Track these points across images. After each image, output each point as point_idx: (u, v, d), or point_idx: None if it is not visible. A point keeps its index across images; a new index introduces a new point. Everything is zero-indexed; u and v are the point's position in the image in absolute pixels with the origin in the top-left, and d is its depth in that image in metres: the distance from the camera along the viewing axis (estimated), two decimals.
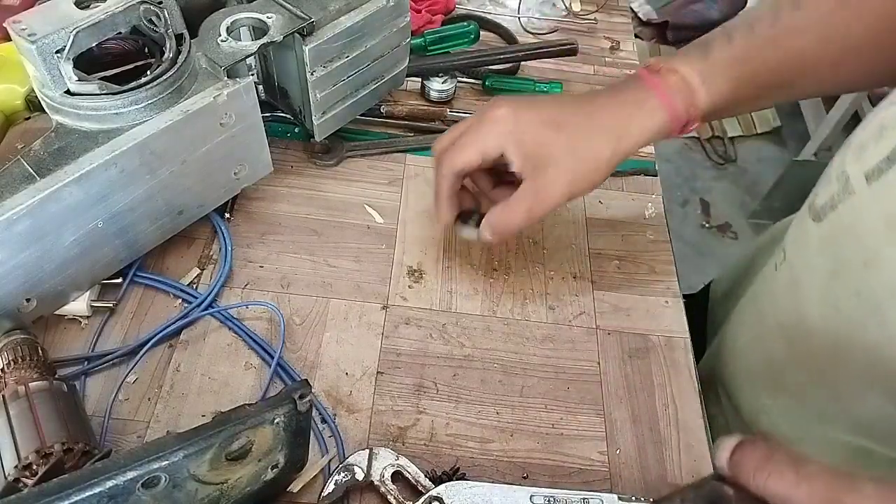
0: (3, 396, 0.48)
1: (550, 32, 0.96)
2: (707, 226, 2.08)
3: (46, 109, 0.56)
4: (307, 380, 0.45)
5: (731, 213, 2.12)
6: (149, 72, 0.55)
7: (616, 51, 0.96)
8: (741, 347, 0.69)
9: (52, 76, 0.53)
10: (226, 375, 0.58)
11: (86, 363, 0.58)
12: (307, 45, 0.63)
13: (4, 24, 0.52)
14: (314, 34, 0.63)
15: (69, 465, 0.46)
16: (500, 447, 0.57)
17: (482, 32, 0.88)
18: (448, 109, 0.81)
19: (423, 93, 0.83)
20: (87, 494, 0.37)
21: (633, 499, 0.52)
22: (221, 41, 0.59)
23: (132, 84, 0.54)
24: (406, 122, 0.80)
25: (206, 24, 0.61)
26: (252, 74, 0.63)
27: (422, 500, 0.51)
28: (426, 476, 0.53)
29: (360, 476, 0.52)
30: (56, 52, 0.52)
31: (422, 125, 0.80)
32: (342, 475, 0.52)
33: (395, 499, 0.51)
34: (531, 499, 0.51)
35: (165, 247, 0.64)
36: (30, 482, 0.44)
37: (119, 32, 0.55)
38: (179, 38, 0.57)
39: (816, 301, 0.55)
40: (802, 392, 0.60)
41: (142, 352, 0.58)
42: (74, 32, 0.52)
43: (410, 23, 0.72)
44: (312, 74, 0.65)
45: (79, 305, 0.59)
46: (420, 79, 0.83)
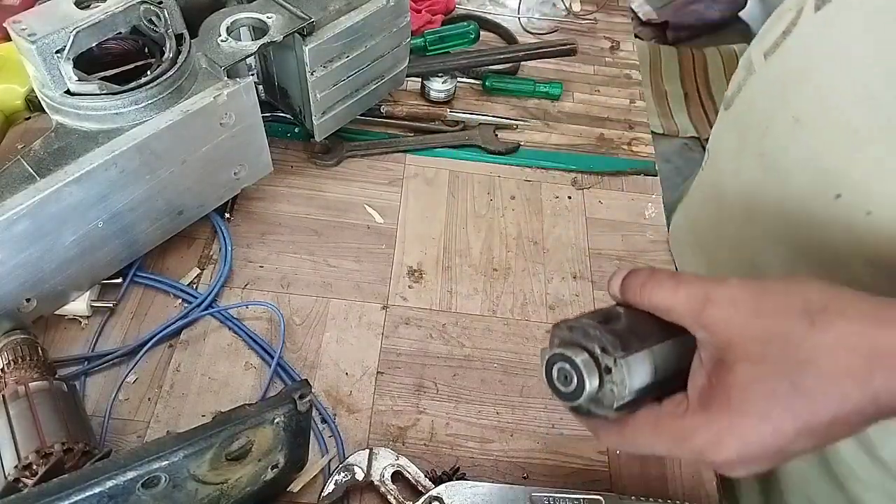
0: (4, 396, 0.48)
1: (550, 32, 0.96)
2: None
3: (46, 109, 0.56)
4: (307, 380, 0.45)
5: None
6: (149, 72, 0.55)
7: (616, 51, 0.96)
8: (680, 224, 0.74)
9: (52, 76, 0.53)
10: (226, 375, 0.58)
11: (86, 363, 0.58)
12: (307, 46, 0.63)
13: (4, 24, 0.52)
14: (314, 34, 0.63)
15: (69, 465, 0.46)
16: (501, 447, 0.57)
17: (482, 32, 0.88)
18: (448, 109, 0.81)
19: (423, 93, 0.83)
20: (88, 494, 0.37)
21: (633, 498, 0.52)
22: (221, 41, 0.59)
23: (132, 84, 0.54)
24: (406, 122, 0.80)
25: (206, 24, 0.61)
26: (252, 74, 0.63)
27: (422, 500, 0.51)
28: (426, 476, 0.53)
29: (360, 476, 0.52)
30: (56, 52, 0.52)
31: (422, 125, 0.80)
32: (342, 475, 0.52)
33: (395, 499, 0.51)
34: (531, 498, 0.51)
35: (165, 247, 0.64)
36: (30, 482, 0.44)
37: (119, 32, 0.56)
38: (179, 38, 0.57)
39: (729, 174, 0.60)
40: (720, 253, 0.64)
41: (142, 352, 0.58)
42: (74, 32, 0.52)
43: (410, 23, 0.72)
44: (312, 74, 0.65)
45: (79, 305, 0.59)
46: (420, 79, 0.83)
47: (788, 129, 0.51)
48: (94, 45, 0.55)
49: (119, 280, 0.62)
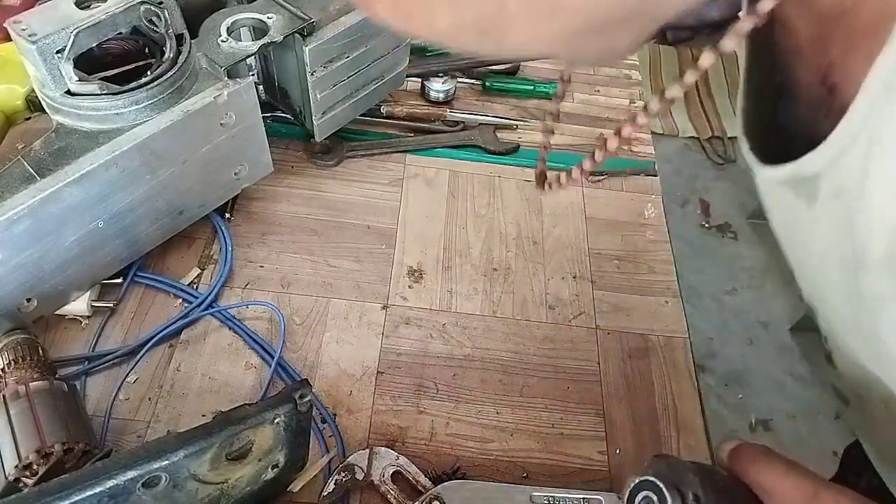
0: (4, 396, 0.48)
1: None
2: (707, 226, 2.08)
3: (47, 109, 0.56)
4: (307, 380, 0.45)
5: (731, 213, 2.12)
6: (149, 72, 0.55)
7: None
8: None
9: (53, 76, 0.53)
10: (226, 375, 0.58)
11: (86, 363, 0.58)
12: (307, 46, 0.63)
13: (5, 25, 0.52)
14: (314, 34, 0.63)
15: (69, 465, 0.46)
16: (500, 447, 0.57)
17: None
18: (448, 109, 0.81)
19: (423, 93, 0.83)
20: (88, 494, 0.37)
21: None
22: (222, 41, 0.59)
23: (132, 84, 0.54)
24: (406, 123, 0.80)
25: (207, 25, 0.61)
26: (252, 75, 0.63)
27: (422, 500, 0.51)
28: (426, 476, 0.53)
29: (361, 476, 0.52)
30: (56, 53, 0.52)
31: (422, 125, 0.80)
32: (342, 475, 0.52)
33: (396, 498, 0.51)
34: (531, 498, 0.51)
35: (166, 247, 0.64)
36: (30, 482, 0.45)
37: (119, 33, 0.56)
38: (180, 39, 0.57)
39: None
40: None
41: (142, 352, 0.58)
42: (75, 33, 0.52)
43: None
44: (313, 75, 0.65)
45: (79, 305, 0.59)
46: (420, 79, 0.83)
47: None
48: (95, 46, 0.55)
49: (119, 280, 0.62)
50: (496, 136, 0.80)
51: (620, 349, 0.64)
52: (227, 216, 0.68)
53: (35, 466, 0.45)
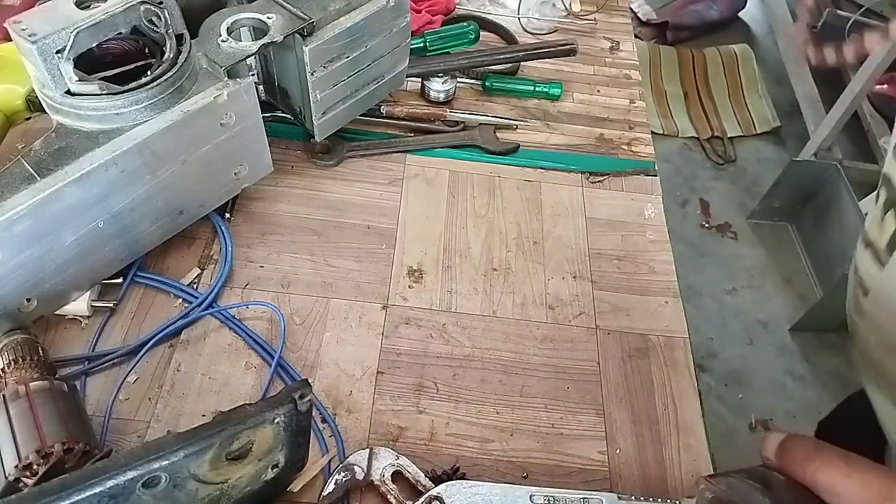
0: (4, 396, 0.48)
1: (550, 33, 0.97)
2: (707, 226, 2.08)
3: (47, 109, 0.56)
4: (307, 380, 0.45)
5: (731, 213, 2.12)
6: (149, 72, 0.55)
7: (616, 51, 0.96)
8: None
9: (53, 76, 0.53)
10: (226, 375, 0.58)
11: (86, 363, 0.57)
12: (307, 46, 0.63)
13: (5, 25, 0.52)
14: (314, 34, 0.63)
15: (69, 465, 0.46)
16: (500, 447, 0.57)
17: (482, 33, 0.88)
18: (448, 109, 0.81)
19: (423, 93, 0.83)
20: (88, 494, 0.37)
21: (633, 498, 0.52)
22: (222, 41, 0.59)
23: (132, 84, 0.54)
24: (406, 123, 0.80)
25: (207, 25, 0.61)
26: (252, 75, 0.63)
27: (422, 500, 0.51)
28: (426, 476, 0.53)
29: (361, 476, 0.52)
30: (56, 53, 0.52)
31: (422, 125, 0.80)
32: (342, 475, 0.52)
33: (396, 498, 0.51)
34: (531, 498, 0.51)
35: (166, 247, 0.64)
36: (30, 482, 0.45)
37: (119, 33, 0.56)
38: (180, 39, 0.57)
39: None
40: None
41: (142, 352, 0.58)
42: (75, 33, 0.52)
43: (410, 23, 0.72)
44: (313, 75, 0.65)
45: (79, 305, 0.59)
46: (420, 79, 0.83)
47: None
48: (95, 46, 0.55)
49: (119, 280, 0.62)
50: (496, 136, 0.80)
51: (620, 349, 0.64)
52: (227, 216, 0.68)
53: (35, 466, 0.45)
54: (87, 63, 0.55)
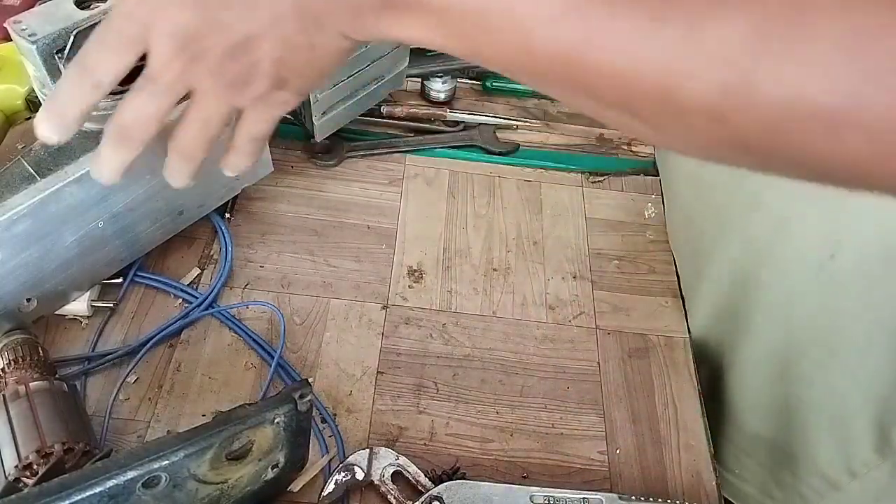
0: (4, 396, 0.48)
1: None
2: None
3: None
4: (307, 379, 0.45)
5: None
6: None
7: None
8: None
9: (53, 76, 0.53)
10: (226, 375, 0.58)
11: (86, 363, 0.58)
12: None
13: (5, 25, 0.52)
14: None
15: (69, 465, 0.46)
16: (500, 447, 0.57)
17: None
18: (448, 110, 0.81)
19: (423, 93, 0.83)
20: (88, 494, 0.37)
21: (633, 498, 0.52)
22: None
23: (133, 84, 0.54)
24: (406, 123, 0.80)
25: None
26: None
27: (422, 500, 0.51)
28: (426, 476, 0.53)
29: (361, 476, 0.52)
30: (57, 53, 0.52)
31: (422, 125, 0.80)
32: (342, 475, 0.52)
33: (396, 498, 0.51)
34: (531, 498, 0.51)
35: (166, 247, 0.64)
36: (30, 482, 0.45)
37: None
38: None
39: None
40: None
41: (142, 351, 0.58)
42: (75, 33, 0.52)
43: None
44: None
45: (79, 305, 0.59)
46: (420, 79, 0.83)
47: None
48: None
49: (119, 280, 0.62)
50: (496, 136, 0.80)
51: (620, 349, 0.64)
52: (227, 216, 0.68)
53: (35, 466, 0.45)
54: None
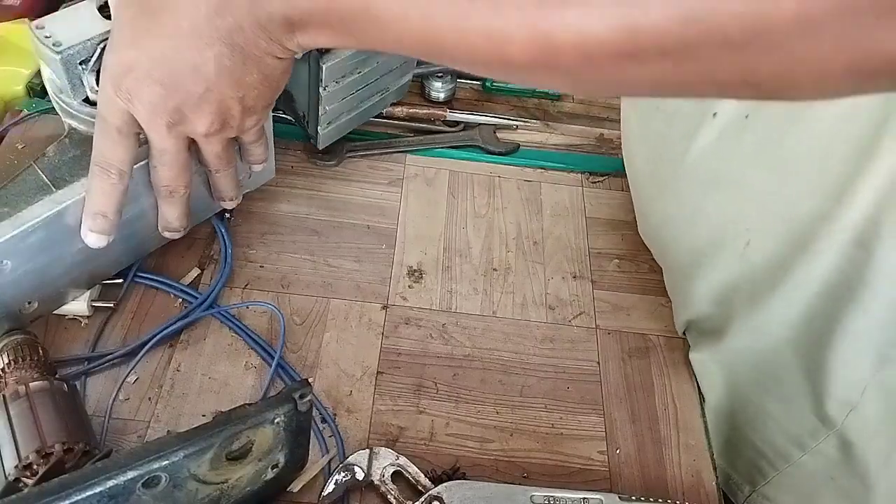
0: (4, 396, 0.48)
1: None
2: None
3: (60, 113, 0.56)
4: (307, 379, 0.45)
5: None
6: None
7: None
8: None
9: (73, 85, 0.53)
10: (226, 375, 0.58)
11: (86, 363, 0.58)
12: (325, 63, 0.63)
13: (28, 25, 0.52)
14: (332, 51, 0.63)
15: (69, 465, 0.46)
16: (500, 447, 0.57)
17: None
18: (448, 109, 0.81)
19: (423, 93, 0.83)
20: (88, 494, 0.37)
21: (633, 498, 0.52)
22: None
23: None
24: (406, 123, 0.80)
25: None
26: None
27: (422, 500, 0.51)
28: (426, 476, 0.53)
29: (361, 476, 0.52)
30: (80, 63, 0.52)
31: (422, 125, 0.80)
32: (342, 475, 0.52)
33: (396, 498, 0.51)
34: (531, 498, 0.51)
35: (166, 247, 0.64)
36: (30, 482, 0.45)
37: None
38: None
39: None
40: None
41: (142, 352, 0.58)
42: (101, 46, 0.51)
43: None
44: (325, 90, 0.65)
45: (79, 305, 0.59)
46: (420, 79, 0.83)
47: None
48: None
49: (119, 280, 0.62)
50: (496, 136, 0.80)
51: (620, 349, 0.64)
52: (228, 216, 0.68)
53: (35, 466, 0.45)
54: None
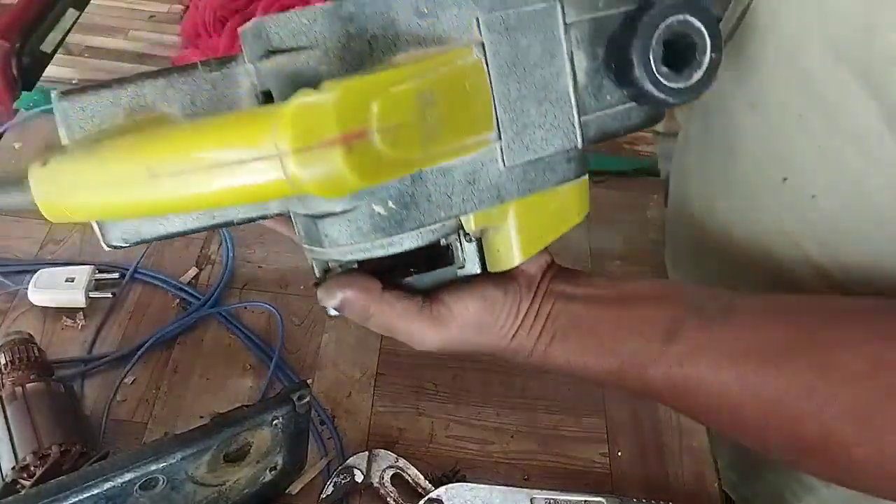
0: (1, 397, 0.48)
1: None
2: None
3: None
4: (306, 381, 0.45)
5: None
6: None
7: None
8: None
9: None
10: (224, 376, 0.58)
11: (84, 364, 0.57)
12: None
13: None
14: None
15: (66, 467, 0.46)
16: (501, 449, 0.57)
17: None
18: None
19: None
20: (85, 496, 0.37)
21: (635, 501, 0.52)
22: None
23: None
24: None
25: None
26: None
27: (421, 503, 0.51)
28: (426, 478, 0.52)
29: (360, 478, 0.52)
30: None
31: None
32: (341, 477, 0.52)
33: (395, 501, 0.51)
34: (532, 501, 0.51)
35: (164, 246, 0.64)
36: (27, 484, 0.44)
37: None
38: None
39: (695, 155, 0.62)
40: (687, 231, 0.66)
41: (139, 353, 0.58)
42: None
43: None
44: None
45: (76, 296, 0.59)
46: None
47: (745, 114, 0.52)
48: None
49: (116, 276, 0.62)
50: None
51: None
52: None
53: (32, 468, 0.45)
54: None
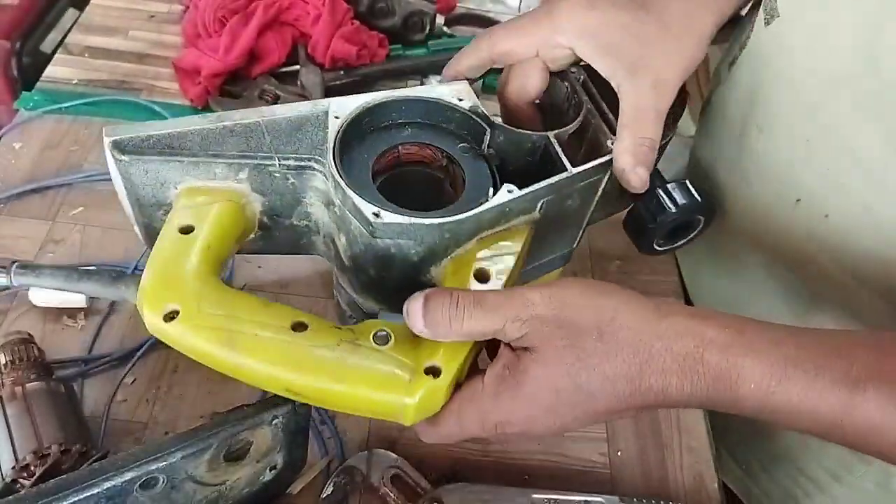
0: (1, 397, 0.48)
1: None
2: None
3: None
4: None
5: None
6: None
7: None
8: None
9: None
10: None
11: (84, 364, 0.57)
12: None
13: None
14: None
15: (66, 467, 0.46)
16: (501, 449, 0.57)
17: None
18: None
19: None
20: (85, 496, 0.37)
21: (635, 501, 0.52)
22: None
23: None
24: None
25: None
26: None
27: (421, 503, 0.51)
28: (426, 478, 0.52)
29: (360, 478, 0.52)
30: None
31: None
32: (341, 477, 0.52)
33: (395, 501, 0.51)
34: (532, 501, 0.51)
35: None
36: (27, 483, 0.44)
37: None
38: None
39: (707, 179, 0.63)
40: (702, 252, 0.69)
41: (139, 352, 0.58)
42: None
43: None
44: None
45: (76, 297, 0.58)
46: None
47: (755, 138, 0.53)
48: None
49: None
50: None
51: None
52: None
53: (32, 468, 0.45)
54: None
